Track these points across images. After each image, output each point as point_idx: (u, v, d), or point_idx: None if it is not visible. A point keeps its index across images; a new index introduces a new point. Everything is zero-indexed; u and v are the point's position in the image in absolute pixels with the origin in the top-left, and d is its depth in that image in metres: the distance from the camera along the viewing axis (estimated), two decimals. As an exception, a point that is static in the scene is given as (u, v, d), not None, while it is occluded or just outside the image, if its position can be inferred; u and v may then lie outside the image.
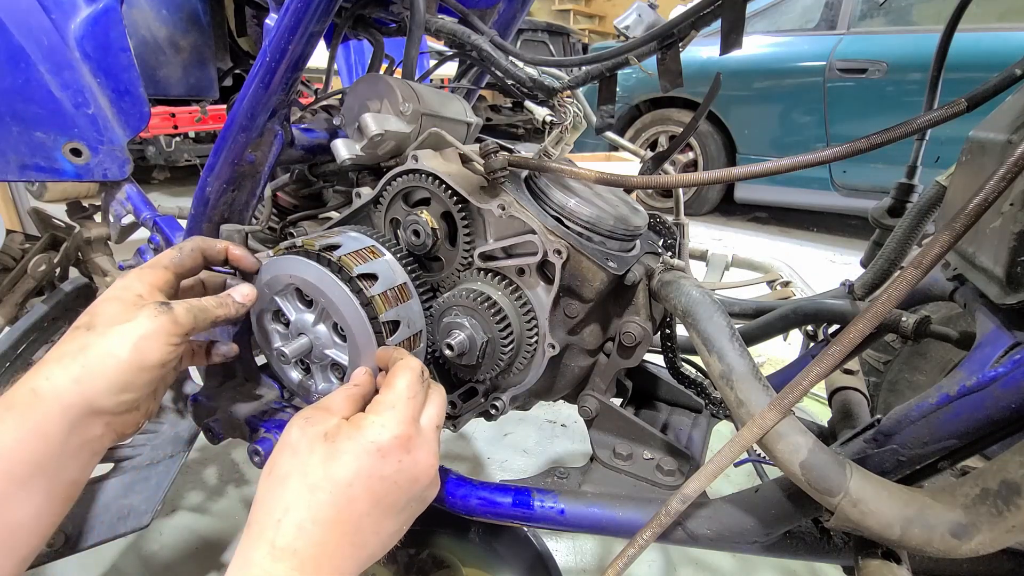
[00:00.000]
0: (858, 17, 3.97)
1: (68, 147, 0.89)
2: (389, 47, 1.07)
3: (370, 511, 0.48)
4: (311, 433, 0.49)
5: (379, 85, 0.78)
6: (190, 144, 4.11)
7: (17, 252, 1.27)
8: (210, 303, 0.59)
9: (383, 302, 0.63)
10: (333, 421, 0.51)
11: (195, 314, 0.56)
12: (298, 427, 0.51)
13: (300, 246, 0.64)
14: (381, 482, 0.49)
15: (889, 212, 1.01)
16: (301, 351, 0.66)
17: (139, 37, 1.04)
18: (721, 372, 0.56)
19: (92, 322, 0.52)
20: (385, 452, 0.49)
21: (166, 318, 0.53)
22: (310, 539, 0.45)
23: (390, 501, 0.50)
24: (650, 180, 0.67)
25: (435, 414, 0.55)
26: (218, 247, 0.65)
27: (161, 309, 0.53)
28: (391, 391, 0.53)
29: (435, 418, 0.55)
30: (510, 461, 1.68)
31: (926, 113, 0.54)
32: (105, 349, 0.50)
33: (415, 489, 0.51)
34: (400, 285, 0.67)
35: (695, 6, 0.67)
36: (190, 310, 0.56)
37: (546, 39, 6.92)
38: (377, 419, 0.50)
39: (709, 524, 0.61)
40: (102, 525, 0.87)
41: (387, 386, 0.54)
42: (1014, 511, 0.42)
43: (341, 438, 0.49)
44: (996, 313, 0.58)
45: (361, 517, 0.48)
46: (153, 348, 0.52)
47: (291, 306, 0.67)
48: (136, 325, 0.51)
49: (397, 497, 0.50)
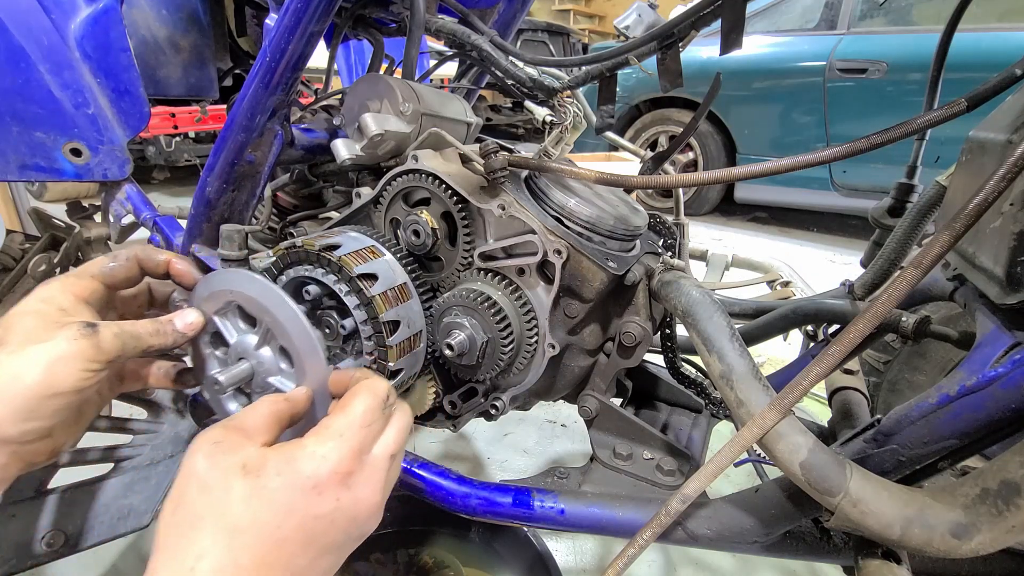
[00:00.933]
0: (858, 17, 3.97)
1: (68, 147, 0.89)
2: (389, 47, 1.07)
3: (303, 552, 0.42)
4: (224, 465, 0.42)
5: (379, 85, 0.78)
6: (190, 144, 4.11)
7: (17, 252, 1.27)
8: (145, 330, 0.52)
9: (383, 302, 0.63)
10: (251, 449, 0.43)
11: (123, 340, 0.49)
12: (205, 455, 0.42)
13: (300, 246, 0.64)
14: (315, 521, 0.43)
15: (889, 212, 1.01)
16: (240, 378, 0.57)
17: (139, 37, 1.04)
18: (721, 372, 0.56)
19: (4, 337, 0.46)
20: (322, 489, 0.43)
21: (87, 342, 0.47)
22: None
23: (326, 541, 0.44)
24: (650, 180, 0.67)
25: (392, 440, 0.48)
26: (159, 258, 0.59)
27: (84, 332, 0.47)
28: (344, 415, 0.46)
29: (391, 445, 0.48)
30: (510, 461, 1.68)
31: (926, 113, 0.54)
32: (12, 371, 0.44)
33: (352, 528, 0.45)
34: (400, 285, 0.66)
35: (695, 6, 0.67)
36: (119, 335, 0.49)
37: (546, 39, 6.92)
38: (318, 449, 0.43)
39: (709, 524, 0.61)
40: (102, 525, 0.87)
41: (341, 408, 0.47)
42: (1014, 511, 0.42)
43: (268, 472, 0.42)
44: (996, 313, 0.58)
45: (292, 558, 0.42)
46: (67, 373, 0.46)
47: (232, 327, 0.59)
48: (51, 347, 0.45)
49: (334, 537, 0.44)
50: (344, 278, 0.62)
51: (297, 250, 0.64)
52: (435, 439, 1.73)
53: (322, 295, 0.67)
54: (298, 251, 0.64)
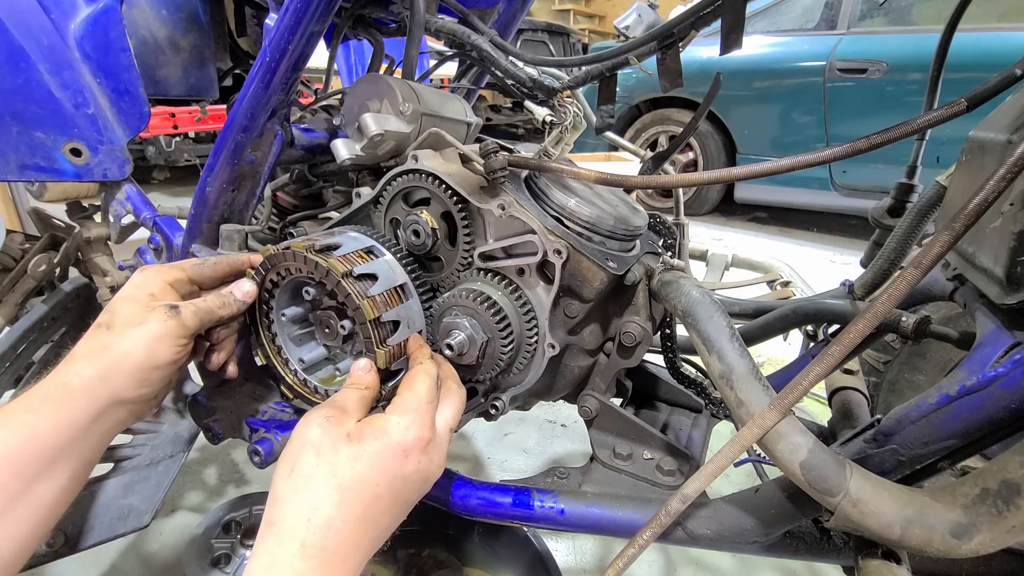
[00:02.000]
0: (858, 17, 3.97)
1: (68, 147, 0.89)
2: (389, 47, 1.07)
3: (390, 508, 0.51)
4: (334, 433, 0.51)
5: (379, 85, 0.78)
6: (190, 144, 4.11)
7: (17, 252, 1.27)
8: (214, 304, 0.63)
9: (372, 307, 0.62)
10: (351, 421, 0.53)
11: (201, 316, 0.61)
12: (319, 425, 0.52)
13: (288, 248, 0.64)
14: (403, 481, 0.52)
15: (889, 212, 1.01)
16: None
17: (139, 37, 1.04)
18: (721, 372, 0.56)
19: (111, 321, 0.57)
20: (408, 452, 0.52)
21: (174, 322, 0.58)
22: (339, 537, 0.47)
23: (405, 498, 0.53)
24: (650, 180, 0.67)
25: (450, 416, 0.58)
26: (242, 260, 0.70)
27: (170, 314, 0.58)
28: (412, 394, 0.55)
29: (450, 420, 0.58)
30: (510, 461, 1.68)
31: (926, 113, 0.54)
32: (123, 350, 0.56)
33: (424, 487, 0.55)
34: (400, 285, 0.66)
35: (695, 6, 0.67)
36: (196, 312, 0.60)
37: (546, 39, 6.92)
38: (402, 420, 0.53)
39: (709, 524, 0.61)
40: (102, 525, 0.87)
41: (408, 387, 0.56)
42: (1014, 511, 0.42)
43: (367, 438, 0.51)
44: (996, 313, 0.58)
45: (382, 514, 0.51)
46: (164, 350, 0.58)
47: None
48: (148, 329, 0.57)
49: (411, 494, 0.54)
50: (332, 282, 0.61)
51: (285, 252, 0.64)
52: (435, 439, 1.73)
53: (322, 295, 0.67)
54: (286, 253, 0.64)
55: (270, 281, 0.68)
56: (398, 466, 0.51)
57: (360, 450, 0.50)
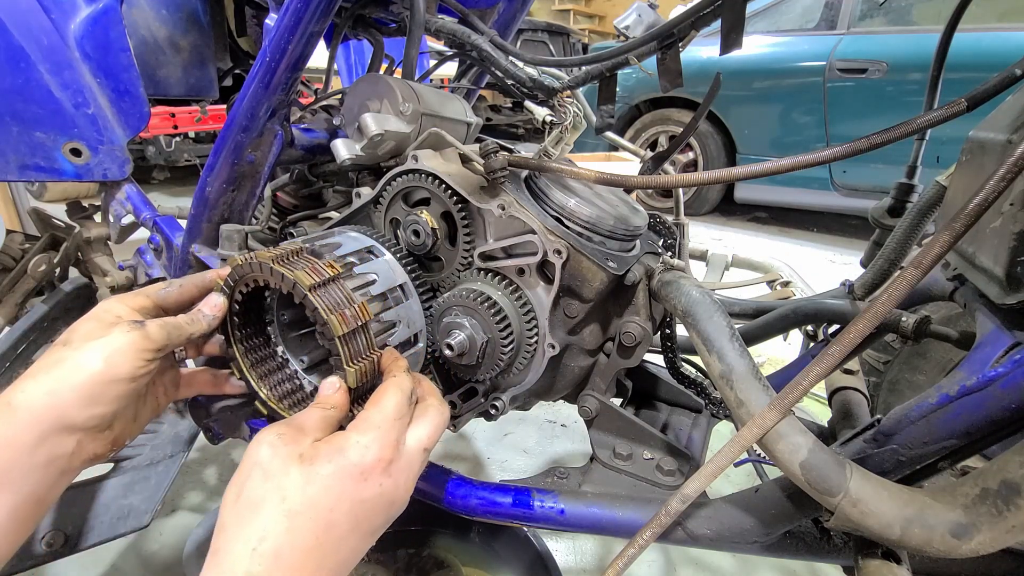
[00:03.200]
0: (858, 17, 3.97)
1: (68, 147, 0.89)
2: (389, 47, 1.07)
3: (349, 535, 0.47)
4: (285, 453, 0.47)
5: (379, 85, 0.78)
6: (190, 144, 4.11)
7: (17, 252, 1.27)
8: (183, 320, 0.59)
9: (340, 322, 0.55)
10: (307, 441, 0.48)
11: (168, 331, 0.56)
12: (269, 445, 0.47)
13: (252, 259, 0.58)
14: (361, 506, 0.47)
15: (889, 212, 1.01)
16: None
17: (139, 37, 1.04)
18: (721, 372, 0.56)
19: (69, 339, 0.53)
20: (367, 475, 0.47)
21: (138, 333, 0.54)
22: (289, 566, 0.43)
23: (368, 525, 0.48)
24: (650, 180, 0.67)
25: (425, 435, 0.53)
26: (208, 278, 0.66)
27: (133, 326, 0.54)
28: (379, 410, 0.51)
29: (424, 440, 0.53)
30: (510, 461, 1.68)
31: (926, 113, 0.54)
32: (77, 362, 0.51)
33: (391, 512, 0.50)
34: (399, 285, 0.66)
35: (695, 6, 0.67)
36: (163, 327, 0.56)
37: (546, 39, 6.92)
38: (361, 439, 0.48)
39: (709, 524, 0.61)
40: (102, 525, 0.87)
41: (375, 403, 0.52)
42: (1014, 511, 0.42)
43: (320, 459, 0.47)
44: (996, 313, 0.58)
45: (339, 541, 0.46)
46: (124, 361, 0.52)
47: None
48: (108, 340, 0.53)
49: (374, 520, 0.49)
50: (299, 295, 0.55)
51: (249, 263, 0.58)
52: (435, 439, 1.73)
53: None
54: (249, 264, 0.58)
55: (240, 293, 0.62)
56: (356, 490, 0.47)
57: (313, 472, 0.46)
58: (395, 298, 0.66)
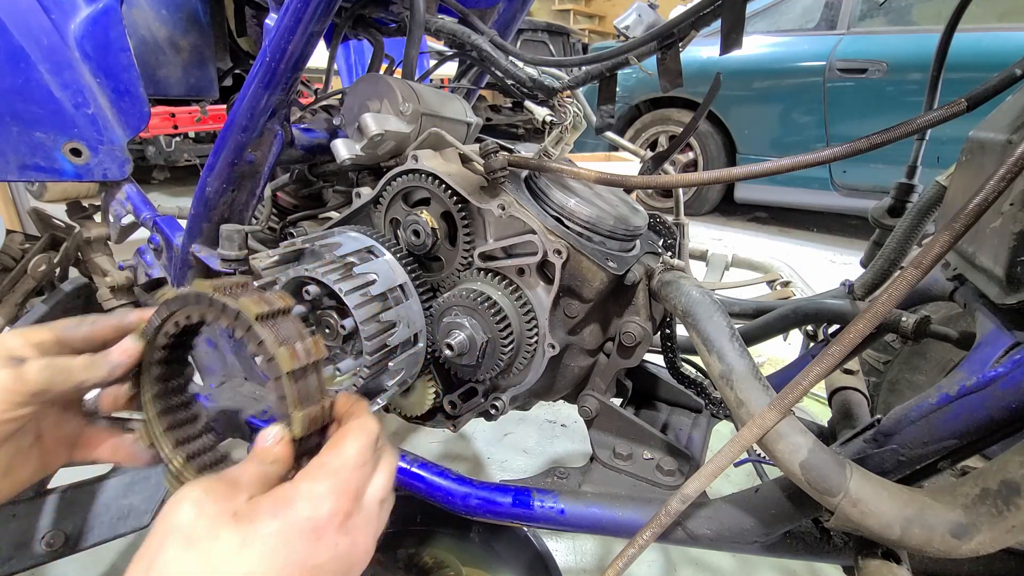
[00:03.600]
0: (858, 17, 3.97)
1: (68, 147, 0.89)
2: (389, 47, 1.07)
3: None
4: (213, 512, 0.37)
5: (379, 85, 0.78)
6: (190, 144, 4.11)
7: (17, 252, 1.27)
8: (78, 363, 0.49)
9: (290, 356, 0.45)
10: (242, 498, 0.39)
11: (51, 374, 0.47)
12: (193, 503, 0.37)
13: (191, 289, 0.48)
14: (313, 571, 0.38)
15: (889, 212, 1.01)
16: None
17: (139, 37, 1.04)
18: (721, 372, 0.56)
19: None
20: (320, 533, 0.38)
21: (9, 373, 0.45)
22: None
23: None
24: (650, 180, 0.67)
25: (381, 486, 0.45)
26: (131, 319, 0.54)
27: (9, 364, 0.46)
28: (337, 454, 0.42)
29: (380, 491, 0.44)
30: (510, 461, 1.68)
31: (926, 113, 0.54)
32: None
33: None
34: (400, 285, 0.66)
35: (695, 6, 0.67)
36: (46, 368, 0.47)
37: (546, 39, 6.92)
38: (314, 488, 0.40)
39: (709, 524, 0.61)
40: (102, 525, 0.87)
41: (333, 447, 0.43)
42: (1014, 511, 0.42)
43: (261, 516, 0.37)
44: (996, 313, 0.58)
45: None
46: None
47: None
48: None
49: None
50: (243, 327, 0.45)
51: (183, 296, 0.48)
52: (435, 439, 1.73)
53: (322, 295, 0.67)
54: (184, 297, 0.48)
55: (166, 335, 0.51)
56: (307, 552, 0.37)
57: (251, 533, 0.36)
58: (395, 298, 0.66)
